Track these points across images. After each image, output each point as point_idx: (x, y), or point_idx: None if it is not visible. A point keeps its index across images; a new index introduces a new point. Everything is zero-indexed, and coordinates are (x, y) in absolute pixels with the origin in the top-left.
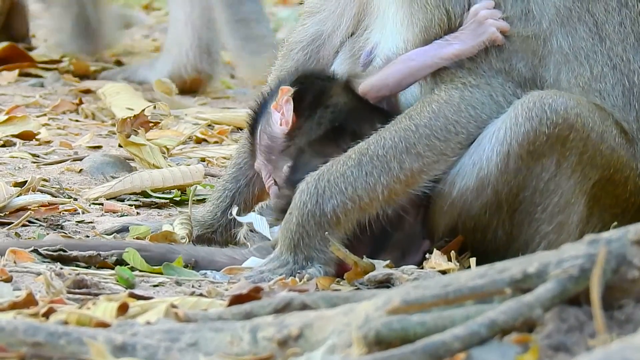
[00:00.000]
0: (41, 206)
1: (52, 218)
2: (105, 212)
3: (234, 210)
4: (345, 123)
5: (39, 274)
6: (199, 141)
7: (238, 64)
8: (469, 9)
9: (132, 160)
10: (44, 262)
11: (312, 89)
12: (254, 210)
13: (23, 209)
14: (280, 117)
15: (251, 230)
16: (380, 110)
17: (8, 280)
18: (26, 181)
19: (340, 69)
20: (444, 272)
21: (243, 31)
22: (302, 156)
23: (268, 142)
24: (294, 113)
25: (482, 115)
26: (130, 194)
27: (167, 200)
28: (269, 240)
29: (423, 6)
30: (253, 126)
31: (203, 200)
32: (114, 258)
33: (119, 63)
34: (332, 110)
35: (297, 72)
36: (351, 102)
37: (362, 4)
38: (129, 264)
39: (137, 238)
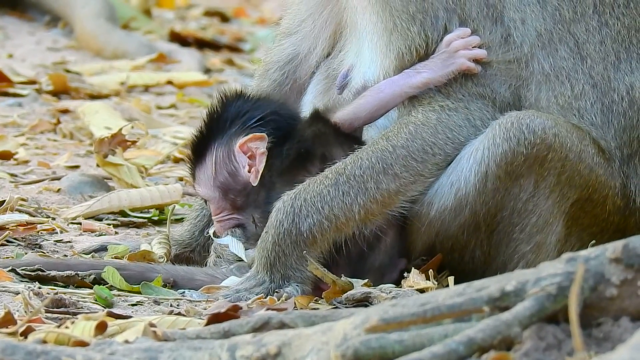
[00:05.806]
0: (19, 226)
1: (30, 237)
2: (84, 231)
3: (211, 230)
4: (313, 148)
5: (17, 293)
6: (176, 160)
7: None
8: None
9: (110, 179)
10: (22, 281)
11: (284, 135)
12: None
13: (1, 228)
14: (249, 164)
15: (218, 257)
16: (347, 134)
17: None
18: (4, 201)
19: (316, 89)
20: (422, 291)
21: None
22: (274, 187)
23: (228, 181)
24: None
25: (459, 138)
26: (108, 214)
27: (145, 220)
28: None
29: (404, 32)
30: (200, 148)
31: (181, 220)
32: (92, 277)
33: None
34: (298, 140)
35: (268, 118)
36: (318, 129)
37: (337, 27)
38: (107, 283)
39: (115, 257)
